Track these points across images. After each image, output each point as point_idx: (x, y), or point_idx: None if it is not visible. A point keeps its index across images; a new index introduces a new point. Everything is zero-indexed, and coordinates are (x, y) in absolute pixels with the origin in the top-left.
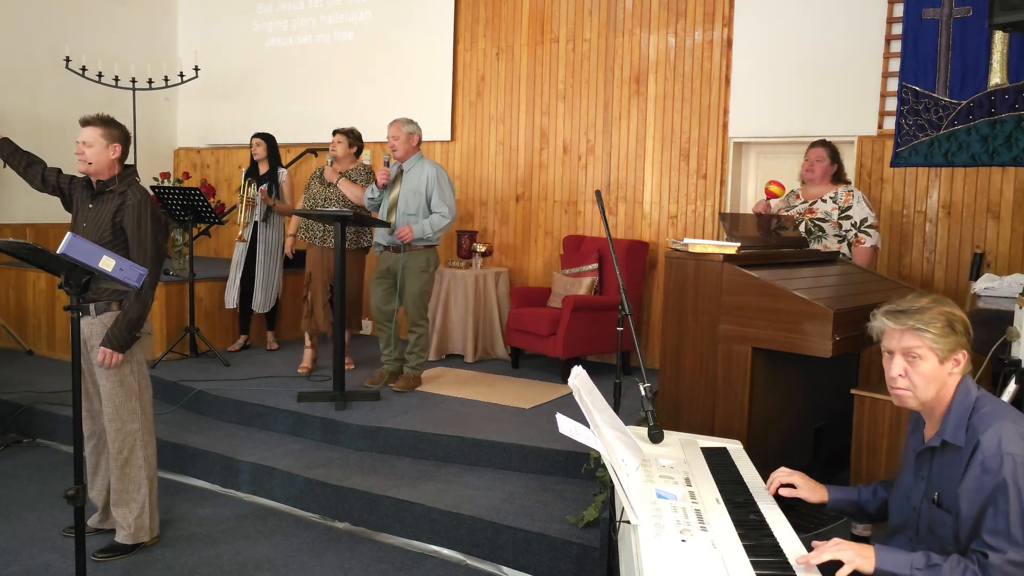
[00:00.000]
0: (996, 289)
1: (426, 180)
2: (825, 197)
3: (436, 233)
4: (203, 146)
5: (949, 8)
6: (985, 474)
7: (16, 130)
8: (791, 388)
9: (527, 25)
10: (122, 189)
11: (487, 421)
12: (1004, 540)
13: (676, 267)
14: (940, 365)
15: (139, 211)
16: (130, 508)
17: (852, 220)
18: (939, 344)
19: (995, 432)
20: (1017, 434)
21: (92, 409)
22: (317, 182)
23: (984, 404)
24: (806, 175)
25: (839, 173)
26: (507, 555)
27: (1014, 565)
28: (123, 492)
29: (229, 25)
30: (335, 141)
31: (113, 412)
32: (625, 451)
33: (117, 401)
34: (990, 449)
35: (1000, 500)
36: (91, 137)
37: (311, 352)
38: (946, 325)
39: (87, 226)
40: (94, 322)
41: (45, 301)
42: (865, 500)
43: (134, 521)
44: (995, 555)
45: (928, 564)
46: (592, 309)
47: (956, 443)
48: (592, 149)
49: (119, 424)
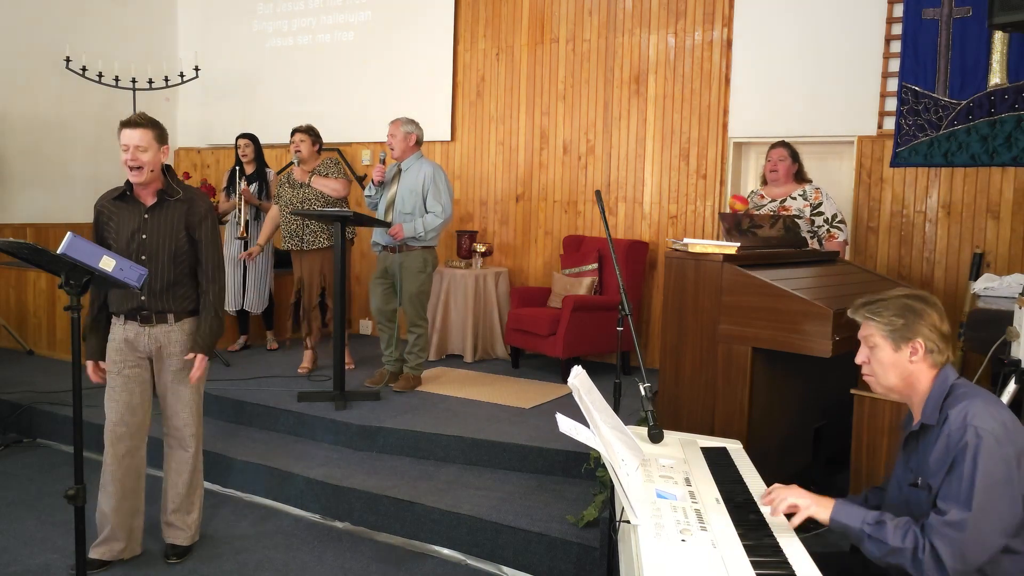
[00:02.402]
0: (996, 289)
1: (423, 179)
2: (795, 195)
3: (429, 232)
4: (203, 146)
5: (949, 8)
6: (949, 444)
7: (16, 130)
8: (791, 388)
9: (527, 25)
10: (188, 195)
11: (487, 421)
12: (951, 502)
13: (676, 267)
14: (895, 352)
15: (212, 220)
16: (193, 513)
17: (824, 216)
18: (888, 331)
19: (964, 407)
20: (985, 411)
21: (132, 423)
22: (287, 187)
23: (959, 388)
24: (770, 175)
25: (800, 172)
26: (507, 555)
27: (950, 526)
28: (188, 496)
29: (229, 25)
30: (297, 141)
31: (190, 418)
32: (625, 451)
33: (195, 407)
34: (956, 422)
35: (957, 467)
36: (145, 141)
37: (311, 352)
38: (898, 315)
39: (148, 239)
40: (172, 329)
41: (45, 301)
42: None
43: (194, 523)
44: (935, 517)
45: (876, 520)
46: (592, 309)
47: (930, 423)
48: (592, 149)
49: (194, 429)
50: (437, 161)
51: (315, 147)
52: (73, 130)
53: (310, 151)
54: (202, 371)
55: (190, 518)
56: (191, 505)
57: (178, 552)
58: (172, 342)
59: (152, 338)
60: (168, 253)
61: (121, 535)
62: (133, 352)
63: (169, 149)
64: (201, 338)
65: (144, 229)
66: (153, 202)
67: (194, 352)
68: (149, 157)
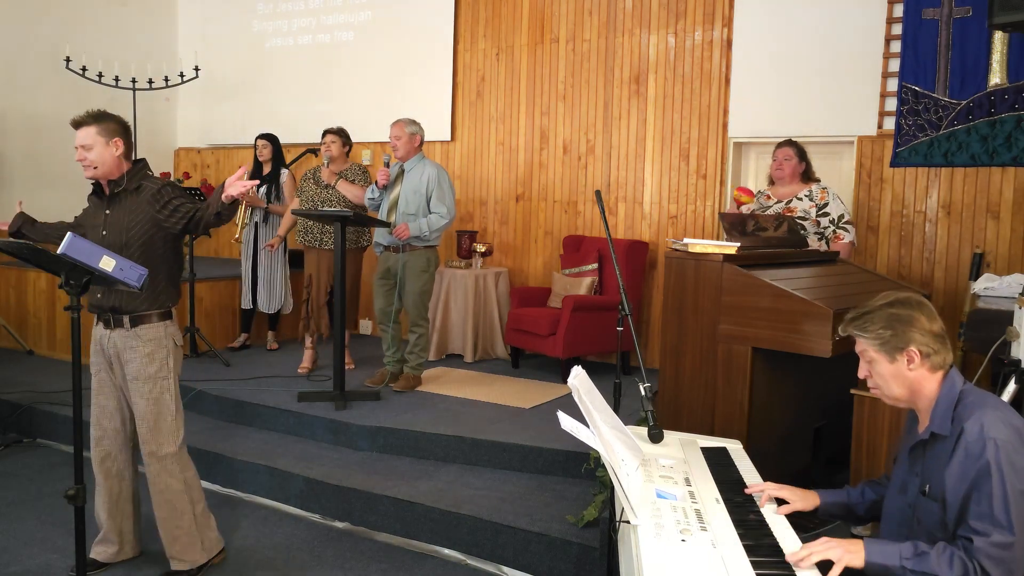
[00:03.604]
0: (996, 289)
1: (427, 180)
2: (801, 195)
3: (433, 233)
4: (203, 146)
5: (949, 8)
6: (968, 459)
7: (16, 130)
8: (791, 388)
9: (527, 25)
10: (135, 185)
11: (487, 421)
12: (988, 523)
13: (676, 267)
14: (892, 364)
15: (171, 188)
16: (175, 537)
17: (830, 217)
18: (879, 345)
19: (977, 419)
20: (999, 419)
21: (108, 428)
22: (312, 184)
23: (968, 395)
24: (775, 174)
25: (807, 171)
26: (507, 555)
27: (998, 547)
28: (166, 521)
29: (229, 25)
30: (328, 142)
31: (148, 434)
32: (625, 451)
33: (147, 420)
34: (973, 435)
35: (983, 484)
36: (88, 139)
37: (311, 352)
38: (885, 327)
39: (107, 234)
40: (128, 335)
41: (45, 301)
42: (855, 502)
43: (181, 550)
44: (980, 539)
45: (916, 553)
46: (592, 309)
47: (942, 433)
48: (592, 149)
49: (154, 447)
50: (437, 161)
51: (345, 148)
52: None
53: (340, 152)
54: (243, 189)
55: (178, 545)
56: (175, 530)
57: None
58: (127, 348)
59: (111, 342)
60: (120, 246)
61: (114, 538)
62: (102, 355)
63: (125, 142)
64: (212, 202)
65: (104, 225)
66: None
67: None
68: (95, 155)
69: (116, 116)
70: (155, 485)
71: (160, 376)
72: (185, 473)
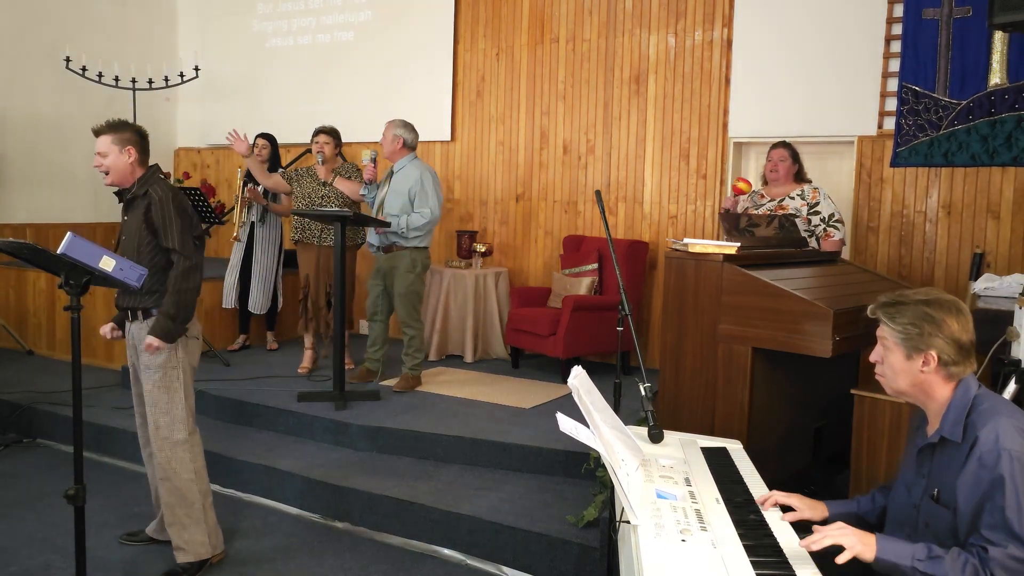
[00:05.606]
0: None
1: (411, 183)
2: (793, 195)
3: (411, 231)
4: (203, 146)
5: (949, 8)
6: (982, 469)
7: (16, 130)
8: (791, 388)
9: (527, 25)
10: (144, 191)
11: (487, 421)
12: (1003, 534)
13: (676, 267)
14: (907, 360)
15: (162, 205)
16: (183, 525)
17: (821, 216)
18: (901, 339)
19: (992, 428)
20: (1014, 429)
21: (140, 415)
22: (309, 180)
23: (983, 401)
24: (770, 175)
25: (800, 172)
26: (507, 555)
27: (1015, 560)
28: (173, 508)
29: (229, 25)
30: (322, 142)
31: (155, 419)
32: (625, 451)
33: (159, 406)
34: (987, 444)
35: (997, 495)
36: (104, 147)
37: (311, 352)
38: (913, 323)
39: (125, 238)
40: (143, 326)
41: (45, 301)
42: (865, 510)
43: (189, 539)
44: (995, 549)
45: (929, 555)
46: (592, 309)
47: (954, 439)
48: (592, 149)
49: (167, 432)
50: (437, 161)
51: (337, 148)
52: (73, 130)
53: (332, 152)
54: (152, 351)
55: (181, 532)
56: (185, 519)
57: (172, 572)
58: (142, 340)
59: (131, 335)
60: (133, 249)
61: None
62: (132, 348)
63: (139, 149)
64: (156, 321)
65: (123, 229)
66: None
67: (148, 332)
68: (110, 161)
69: (134, 125)
70: (165, 472)
71: (169, 365)
72: (195, 463)
